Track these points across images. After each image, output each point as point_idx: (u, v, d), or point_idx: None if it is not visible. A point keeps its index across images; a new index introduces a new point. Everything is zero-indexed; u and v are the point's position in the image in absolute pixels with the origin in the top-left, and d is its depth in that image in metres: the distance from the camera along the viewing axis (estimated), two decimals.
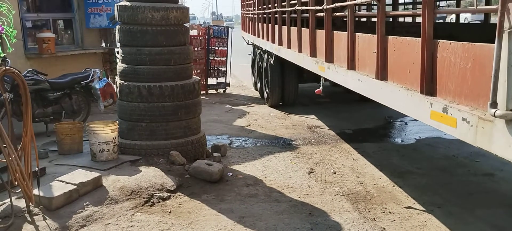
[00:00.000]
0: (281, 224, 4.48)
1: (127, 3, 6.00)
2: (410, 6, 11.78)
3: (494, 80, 2.61)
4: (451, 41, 3.31)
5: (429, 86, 3.57)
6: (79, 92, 7.98)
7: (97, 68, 8.67)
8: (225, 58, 13.02)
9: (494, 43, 2.64)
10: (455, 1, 10.49)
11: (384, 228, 4.43)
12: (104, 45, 10.74)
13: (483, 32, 7.68)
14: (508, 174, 5.92)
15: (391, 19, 9.93)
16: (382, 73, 4.44)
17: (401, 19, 11.30)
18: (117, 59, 8.55)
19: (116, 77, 6.49)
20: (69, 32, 10.39)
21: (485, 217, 4.67)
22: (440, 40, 3.46)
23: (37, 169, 4.62)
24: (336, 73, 5.79)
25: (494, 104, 2.63)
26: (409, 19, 11.54)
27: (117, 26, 6.26)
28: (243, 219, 4.59)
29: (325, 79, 7.30)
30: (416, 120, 8.93)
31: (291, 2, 8.25)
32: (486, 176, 5.91)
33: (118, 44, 6.69)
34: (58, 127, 6.21)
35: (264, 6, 10.89)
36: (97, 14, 10.22)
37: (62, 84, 7.73)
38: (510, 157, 2.61)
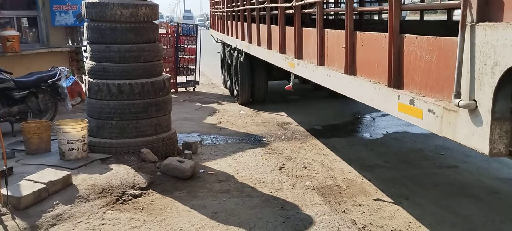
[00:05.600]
0: (253, 218, 4.53)
1: (95, 0, 5.92)
2: (377, 4, 12.03)
3: (458, 71, 2.72)
4: (417, 35, 3.42)
5: (396, 80, 3.68)
6: (46, 91, 7.82)
7: (64, 66, 8.51)
8: (194, 56, 12.99)
9: (457, 37, 2.75)
10: None
11: (354, 220, 4.53)
12: (70, 44, 10.55)
13: (447, 29, 7.92)
14: (471, 165, 6.14)
15: (358, 17, 10.12)
16: (351, 68, 4.54)
17: (367, 17, 11.53)
18: (85, 58, 8.43)
19: (83, 76, 6.41)
20: (34, 30, 10.16)
21: (450, 207, 4.84)
22: (406, 35, 3.57)
23: (4, 168, 4.52)
24: (306, 69, 5.88)
25: (458, 95, 2.74)
26: (375, 17, 11.80)
27: (85, 23, 6.17)
28: (216, 214, 4.61)
29: (295, 76, 7.39)
30: (384, 115, 9.19)
31: None
32: (451, 168, 6.11)
33: (85, 42, 6.60)
34: (25, 126, 6.08)
35: (233, 4, 10.91)
36: (63, 12, 10.03)
37: (28, 83, 7.56)
38: (473, 146, 2.72)
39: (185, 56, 12.86)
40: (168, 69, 12.21)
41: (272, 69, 9.69)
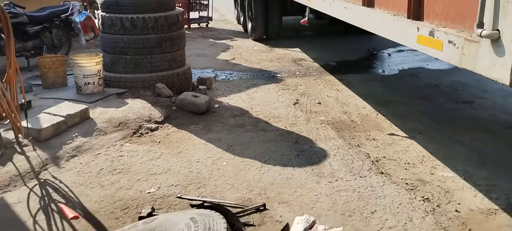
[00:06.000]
0: (268, 151, 4.58)
1: None
2: None
3: (482, 0, 2.64)
4: None
5: (416, 11, 3.59)
6: (59, 26, 7.80)
7: (76, 1, 8.43)
8: None
9: None
10: None
11: (368, 153, 4.56)
12: None
13: None
14: (487, 101, 6.09)
15: None
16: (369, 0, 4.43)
17: None
18: None
19: (95, 11, 6.35)
20: None
21: (464, 141, 4.84)
22: None
23: (23, 101, 4.59)
24: (322, 2, 5.76)
25: (480, 25, 2.68)
26: None
27: None
28: (231, 147, 4.68)
29: (311, 10, 7.25)
30: (400, 51, 9.07)
31: None
32: (466, 103, 6.07)
33: None
34: (40, 60, 6.12)
35: None
36: None
37: (41, 18, 7.54)
38: (494, 76, 2.69)
39: None
40: (180, 4, 12.01)
41: (286, 3, 9.51)
